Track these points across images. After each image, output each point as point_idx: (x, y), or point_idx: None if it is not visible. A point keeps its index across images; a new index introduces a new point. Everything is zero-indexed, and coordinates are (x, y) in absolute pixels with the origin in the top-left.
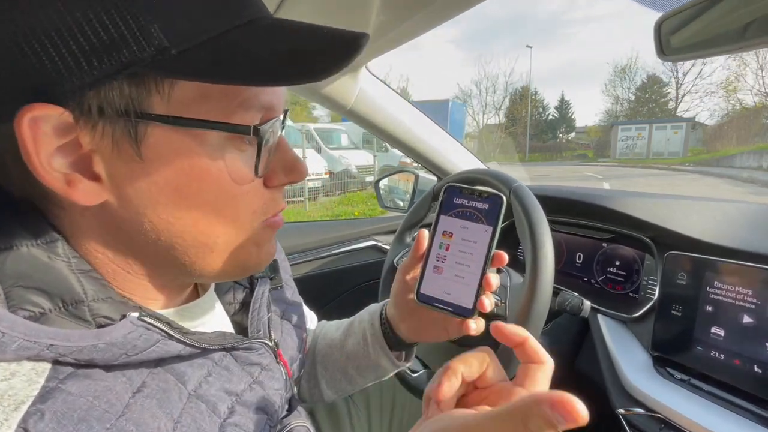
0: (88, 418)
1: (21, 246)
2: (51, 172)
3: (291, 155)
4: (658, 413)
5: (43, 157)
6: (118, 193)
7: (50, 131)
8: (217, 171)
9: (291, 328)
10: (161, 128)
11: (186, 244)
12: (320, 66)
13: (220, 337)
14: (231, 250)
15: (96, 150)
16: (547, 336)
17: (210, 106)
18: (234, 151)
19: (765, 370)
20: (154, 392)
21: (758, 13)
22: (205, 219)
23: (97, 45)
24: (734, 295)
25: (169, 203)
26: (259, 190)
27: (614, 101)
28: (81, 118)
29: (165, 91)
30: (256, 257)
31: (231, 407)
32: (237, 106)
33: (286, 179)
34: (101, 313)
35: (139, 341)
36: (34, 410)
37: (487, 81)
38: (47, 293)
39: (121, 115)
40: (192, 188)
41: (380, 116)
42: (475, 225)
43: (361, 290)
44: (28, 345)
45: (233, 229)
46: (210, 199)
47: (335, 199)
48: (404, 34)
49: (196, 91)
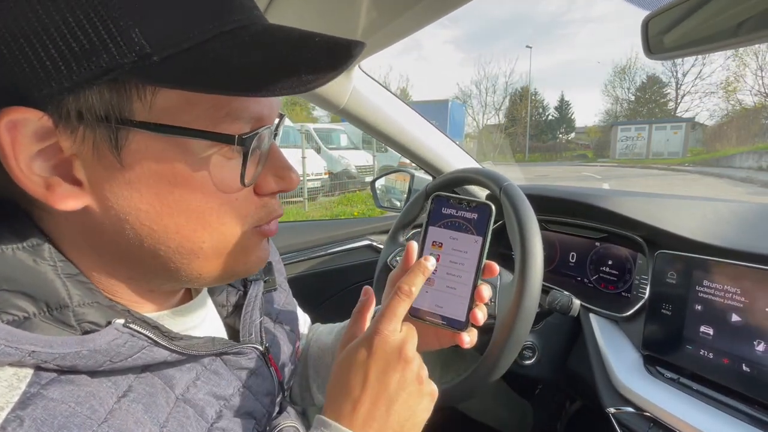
0: (69, 425)
1: (6, 249)
2: (30, 176)
3: (283, 163)
4: (647, 412)
5: (22, 160)
6: (99, 198)
7: (29, 135)
8: (201, 179)
9: (284, 332)
10: (142, 135)
11: (170, 251)
12: (309, 77)
13: (209, 342)
14: (217, 255)
15: (77, 155)
16: (539, 335)
17: (195, 115)
18: (220, 159)
19: (753, 369)
20: (140, 396)
21: (750, 12)
22: (188, 226)
23: (77, 49)
24: (723, 294)
25: (150, 210)
26: (248, 197)
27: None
28: (60, 122)
29: (147, 98)
30: (244, 263)
31: (219, 411)
32: (224, 116)
33: (276, 187)
34: (87, 318)
35: (123, 348)
36: (13, 417)
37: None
38: (32, 297)
39: (102, 121)
40: (174, 195)
41: (373, 115)
42: (464, 235)
43: (356, 290)
44: (9, 351)
45: (219, 235)
46: (194, 207)
47: (335, 199)
48: (395, 33)
49: (181, 98)
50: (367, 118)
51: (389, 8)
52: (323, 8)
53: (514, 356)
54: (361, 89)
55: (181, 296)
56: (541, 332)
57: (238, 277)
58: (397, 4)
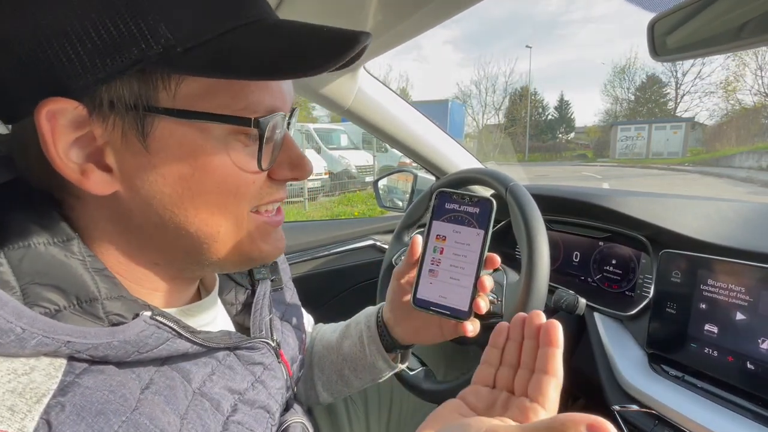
0: (106, 411)
1: (38, 244)
2: (67, 163)
3: (297, 152)
4: (652, 410)
5: (60, 148)
6: (128, 183)
7: (67, 124)
8: (221, 162)
9: (291, 329)
10: (167, 121)
11: (190, 235)
12: (317, 60)
13: (226, 336)
14: (234, 239)
15: (108, 142)
16: None
17: (215, 104)
18: (238, 145)
19: (758, 367)
20: (161, 389)
21: (754, 13)
22: (207, 209)
23: (110, 43)
24: (727, 292)
25: (173, 193)
26: (262, 183)
27: (614, 101)
28: (94, 111)
29: (171, 87)
30: (258, 252)
31: (234, 405)
32: (242, 108)
33: (290, 174)
34: (114, 311)
35: (150, 339)
36: (54, 403)
37: (487, 81)
38: (63, 291)
39: (130, 109)
40: (195, 178)
41: (378, 116)
42: (467, 229)
43: (360, 289)
44: (46, 341)
45: (234, 218)
46: (212, 189)
47: (335, 199)
48: (402, 34)
49: (202, 87)
50: (372, 119)
51: (396, 11)
52: (330, 10)
53: None
54: (366, 90)
55: (193, 295)
56: None
57: (255, 263)
58: (404, 8)
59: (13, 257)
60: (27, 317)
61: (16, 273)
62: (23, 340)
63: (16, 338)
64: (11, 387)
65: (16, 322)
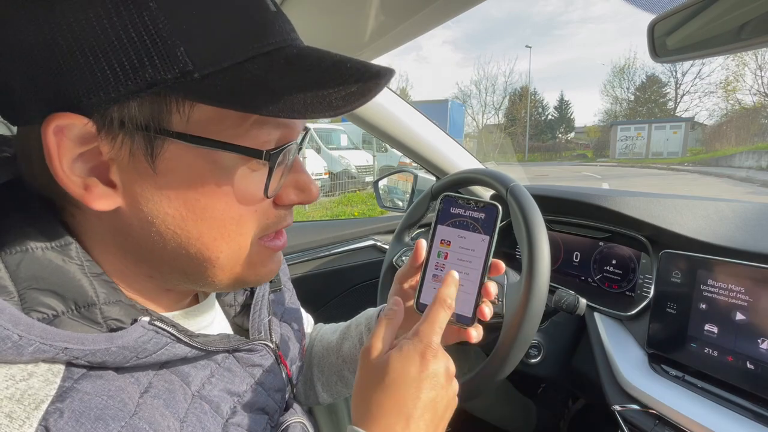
0: (105, 417)
1: (36, 249)
2: (71, 177)
3: (305, 177)
4: (653, 409)
5: (65, 162)
6: (131, 201)
7: (74, 139)
8: (226, 189)
9: (290, 330)
10: (177, 145)
11: (190, 256)
12: (339, 103)
13: (224, 339)
14: (232, 265)
15: (114, 159)
16: (545, 334)
17: (225, 126)
18: (245, 171)
19: (757, 367)
20: (160, 392)
21: (753, 14)
22: (210, 233)
23: (126, 64)
24: (727, 292)
25: (176, 215)
26: (267, 209)
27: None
28: (103, 129)
29: (185, 112)
30: (255, 274)
31: (233, 407)
32: (251, 124)
33: (296, 199)
34: (112, 316)
35: (149, 345)
36: (53, 409)
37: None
38: (60, 296)
39: (141, 130)
40: (200, 203)
41: (379, 117)
42: (472, 234)
43: (360, 289)
44: (44, 348)
45: (236, 245)
46: (216, 215)
47: (335, 199)
48: (404, 35)
49: (214, 112)
50: (373, 120)
51: (398, 12)
52: (334, 10)
53: (521, 355)
54: None
55: (191, 299)
56: (547, 331)
57: (248, 285)
58: (406, 9)
59: (10, 262)
60: (24, 324)
61: (14, 278)
62: (20, 347)
63: (14, 345)
64: (9, 393)
65: (13, 329)
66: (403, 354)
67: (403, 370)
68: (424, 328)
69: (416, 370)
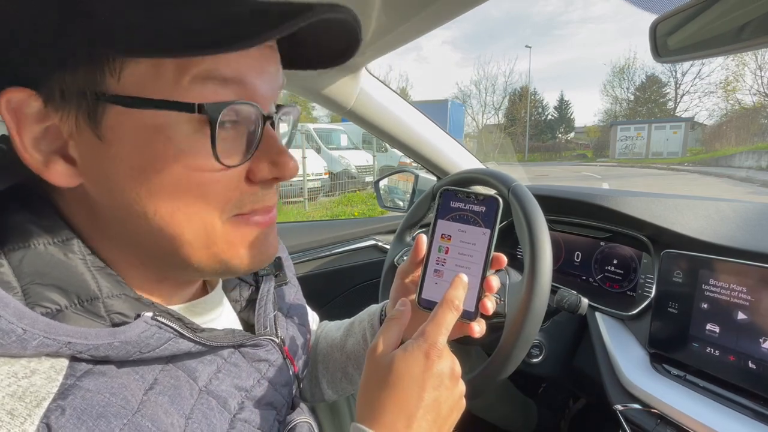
0: (107, 414)
1: (38, 245)
2: (32, 153)
3: (276, 148)
4: (654, 409)
5: (26, 139)
6: (89, 175)
7: (30, 115)
8: (173, 155)
9: (295, 326)
10: (116, 109)
11: (154, 233)
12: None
13: (230, 334)
14: (204, 245)
15: (71, 135)
16: (546, 333)
17: (162, 84)
18: (191, 134)
19: (759, 366)
20: (166, 389)
21: (754, 14)
22: (166, 207)
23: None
24: (729, 292)
25: (131, 189)
26: (233, 181)
27: (613, 101)
28: (49, 102)
29: (116, 71)
30: (238, 258)
31: (241, 403)
32: (191, 80)
33: (270, 175)
34: (115, 310)
35: (152, 340)
36: (54, 406)
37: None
38: (64, 290)
39: (81, 98)
40: (149, 172)
41: (380, 117)
42: (472, 228)
43: (362, 289)
44: (47, 342)
45: (200, 221)
46: (167, 185)
47: (335, 199)
48: (405, 36)
49: (148, 69)
50: (374, 120)
51: (399, 12)
52: None
53: (523, 354)
54: (368, 90)
55: (198, 290)
56: (548, 330)
57: (240, 272)
58: (407, 9)
59: (13, 258)
60: (28, 318)
61: (17, 273)
62: (24, 341)
63: (18, 339)
64: (11, 391)
65: (17, 323)
66: (407, 353)
67: (407, 369)
68: (430, 329)
69: (420, 369)
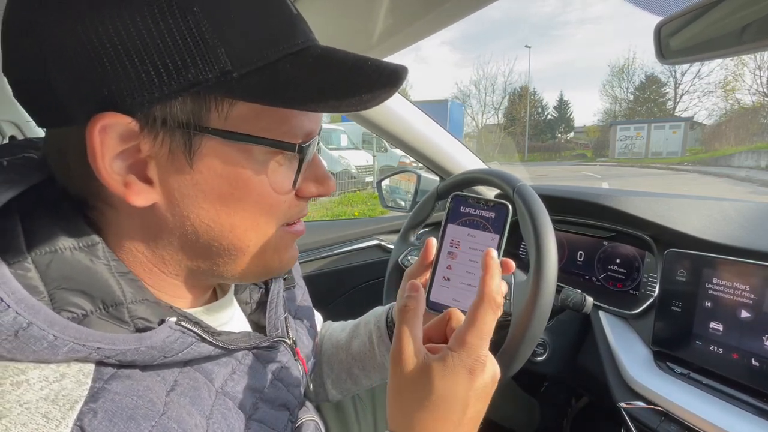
0: (136, 417)
1: (65, 250)
2: (112, 175)
3: (323, 171)
4: (658, 406)
5: (107, 160)
6: (167, 196)
7: (116, 137)
8: (259, 182)
9: (304, 327)
10: (214, 141)
11: (221, 247)
12: (367, 97)
13: (246, 337)
14: (259, 253)
15: (153, 156)
16: (550, 332)
17: (260, 126)
18: (275, 164)
19: (762, 364)
20: (186, 390)
21: (755, 15)
22: (242, 224)
23: (170, 65)
24: (732, 291)
25: (211, 209)
26: (292, 201)
27: (613, 101)
28: (146, 127)
29: (223, 109)
30: (279, 260)
31: (255, 404)
32: (285, 131)
33: (316, 192)
34: (139, 315)
35: (175, 344)
36: (87, 409)
37: (486, 81)
38: (89, 295)
39: (181, 127)
40: (234, 196)
41: (383, 116)
42: (482, 233)
43: (365, 289)
44: (77, 348)
45: (263, 235)
46: (249, 207)
47: (335, 199)
48: (410, 37)
49: (251, 111)
50: (377, 119)
51: (406, 14)
52: (345, 11)
53: (529, 353)
54: None
55: (211, 294)
56: (552, 329)
57: (271, 275)
58: (414, 11)
59: (40, 263)
60: (59, 325)
61: (44, 278)
62: (56, 348)
63: (49, 345)
64: (44, 394)
65: (48, 330)
66: (448, 369)
67: (450, 390)
68: (471, 339)
69: (464, 388)
